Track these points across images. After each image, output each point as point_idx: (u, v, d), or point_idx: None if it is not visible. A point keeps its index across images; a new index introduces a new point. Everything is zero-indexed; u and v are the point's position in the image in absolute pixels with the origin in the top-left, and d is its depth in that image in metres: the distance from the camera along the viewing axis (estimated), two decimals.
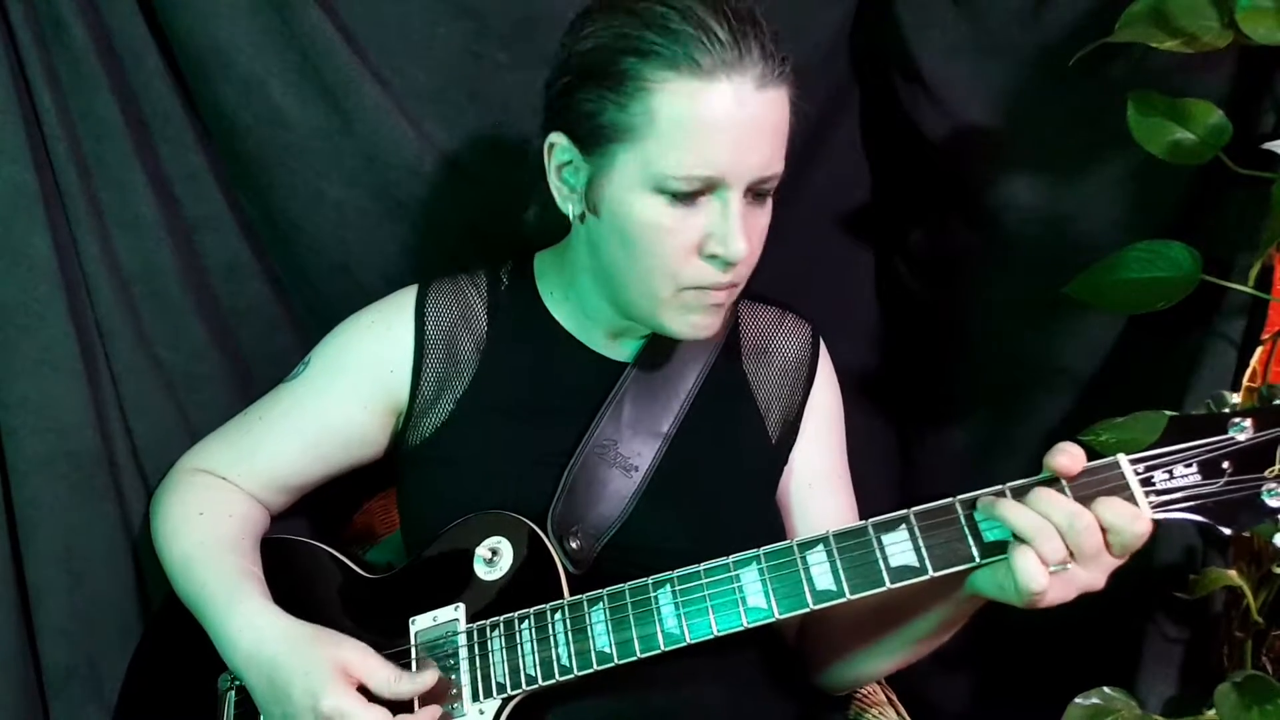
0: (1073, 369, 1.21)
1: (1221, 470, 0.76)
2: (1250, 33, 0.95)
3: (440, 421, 1.00)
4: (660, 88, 0.82)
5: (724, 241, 0.85)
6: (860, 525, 0.82)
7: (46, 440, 1.02)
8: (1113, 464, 0.78)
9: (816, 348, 1.08)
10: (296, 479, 1.05)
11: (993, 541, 0.79)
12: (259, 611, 0.92)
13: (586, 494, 0.94)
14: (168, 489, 1.05)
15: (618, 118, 0.84)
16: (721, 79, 0.81)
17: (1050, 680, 1.10)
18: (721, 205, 0.85)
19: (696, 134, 0.82)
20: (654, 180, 0.84)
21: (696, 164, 0.83)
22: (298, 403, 1.04)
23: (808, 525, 1.04)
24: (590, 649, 0.85)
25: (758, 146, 0.84)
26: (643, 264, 0.88)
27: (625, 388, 0.98)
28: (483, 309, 1.03)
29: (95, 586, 1.06)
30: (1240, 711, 1.00)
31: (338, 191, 1.13)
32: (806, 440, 1.05)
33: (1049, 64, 1.11)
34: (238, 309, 1.17)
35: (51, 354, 1.02)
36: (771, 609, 0.82)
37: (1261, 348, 1.09)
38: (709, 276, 0.88)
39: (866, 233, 1.34)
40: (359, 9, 1.08)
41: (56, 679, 1.04)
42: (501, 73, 1.13)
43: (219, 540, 0.98)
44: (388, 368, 1.01)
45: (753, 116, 0.83)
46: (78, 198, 1.03)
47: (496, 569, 0.91)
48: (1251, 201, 1.04)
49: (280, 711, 0.87)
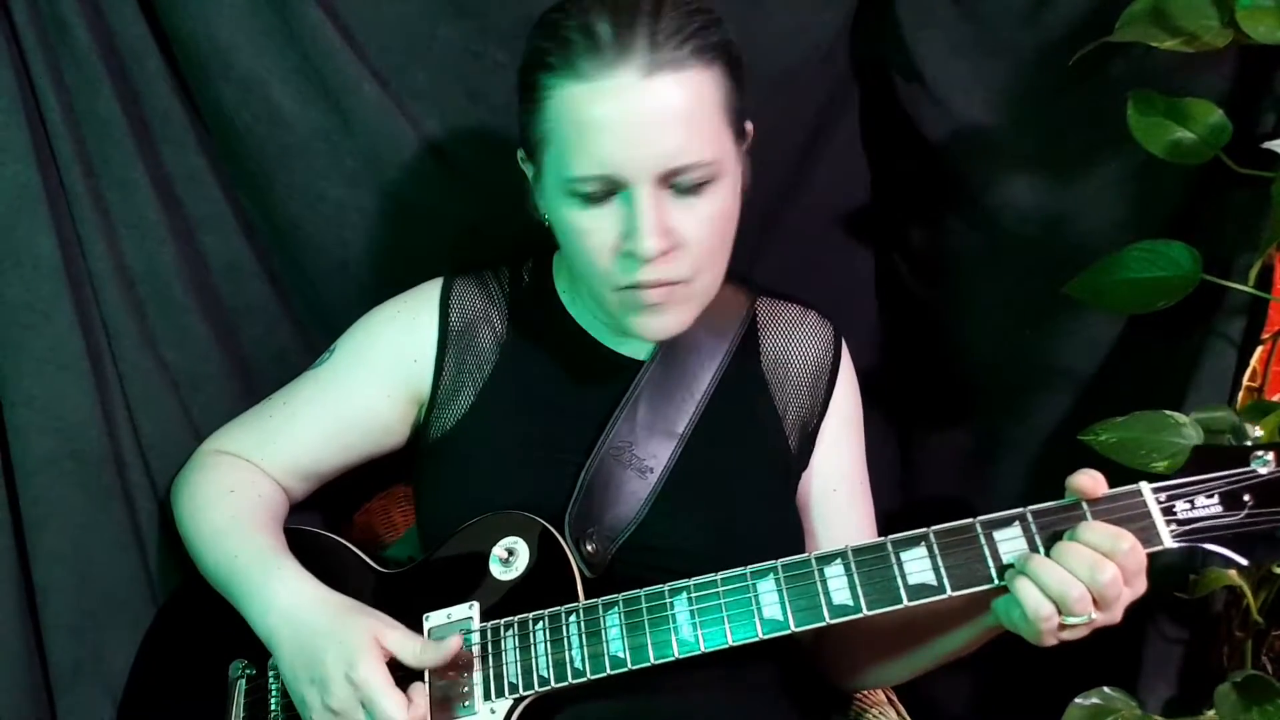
0: (1073, 369, 1.21)
1: (1243, 502, 0.77)
2: (1250, 32, 0.95)
3: (460, 414, 1.00)
4: (554, 94, 0.84)
5: (632, 239, 0.84)
6: (879, 541, 0.82)
7: (52, 439, 1.03)
8: (1134, 492, 0.79)
9: (839, 349, 1.07)
10: (318, 466, 1.06)
11: (1011, 564, 0.79)
12: (297, 578, 0.92)
13: (603, 496, 0.94)
14: (194, 469, 1.05)
15: (534, 130, 0.87)
16: (602, 78, 0.81)
17: (1050, 680, 1.10)
18: (626, 205, 0.85)
19: (583, 136, 0.83)
20: (563, 185, 0.86)
21: (588, 165, 0.83)
22: (321, 390, 1.04)
23: (829, 530, 1.04)
24: (604, 653, 0.85)
25: (653, 138, 0.82)
26: (580, 265, 0.90)
27: (640, 388, 0.98)
28: (504, 304, 1.04)
29: (102, 584, 1.06)
30: (1240, 711, 1.00)
31: (338, 191, 1.13)
32: (828, 443, 1.05)
33: (1049, 64, 1.11)
34: (239, 308, 1.18)
35: (57, 353, 1.02)
36: (788, 621, 0.82)
37: (1261, 348, 1.09)
38: (631, 275, 0.86)
39: (866, 232, 1.34)
40: (359, 9, 1.09)
41: (64, 675, 1.05)
42: (501, 73, 1.13)
43: (250, 515, 0.99)
44: (411, 357, 1.02)
45: (639, 109, 0.81)
46: (82, 197, 1.04)
47: (512, 569, 0.91)
48: (1251, 201, 1.04)
49: (308, 676, 0.87)
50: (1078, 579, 0.75)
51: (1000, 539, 0.80)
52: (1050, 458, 1.24)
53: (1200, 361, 1.10)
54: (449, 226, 1.17)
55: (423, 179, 1.14)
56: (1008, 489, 1.28)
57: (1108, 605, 0.76)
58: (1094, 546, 0.76)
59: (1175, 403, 1.07)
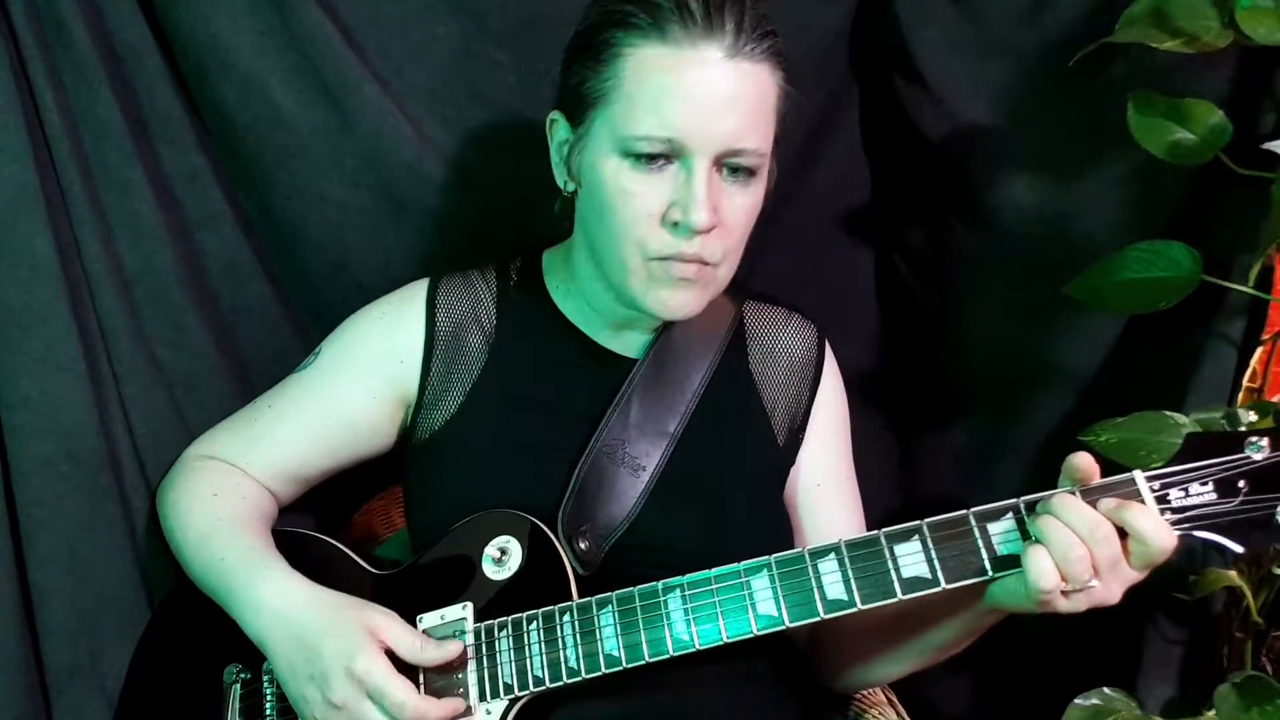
0: (1073, 369, 1.21)
1: (1237, 489, 0.77)
2: (1250, 33, 0.95)
3: (448, 415, 1.00)
4: (631, 53, 0.86)
5: (685, 208, 0.86)
6: (873, 535, 0.82)
7: (49, 440, 1.02)
8: (1128, 480, 0.79)
9: (823, 349, 1.08)
10: (304, 469, 1.05)
11: (1007, 555, 0.79)
12: (286, 577, 0.92)
13: (595, 494, 0.94)
14: (177, 475, 1.05)
15: (594, 85, 0.88)
16: (687, 47, 0.84)
17: (1050, 681, 1.10)
18: (686, 172, 0.86)
19: (658, 96, 0.85)
20: (619, 143, 0.87)
21: (656, 125, 0.85)
22: (307, 392, 1.04)
23: (815, 525, 1.05)
24: (599, 652, 0.85)
25: (722, 116, 0.85)
26: (612, 230, 0.90)
27: (633, 387, 0.98)
28: (492, 303, 1.03)
29: (98, 586, 1.06)
30: (1240, 712, 1.00)
31: (338, 191, 1.13)
32: (814, 441, 1.06)
33: (1049, 64, 1.11)
34: (238, 309, 1.17)
35: (54, 354, 1.02)
36: (782, 616, 0.82)
37: (1261, 348, 1.09)
38: (672, 245, 0.88)
39: (866, 233, 1.34)
40: (359, 9, 1.08)
41: (59, 677, 1.04)
42: (501, 73, 1.13)
43: (235, 518, 0.98)
44: (398, 358, 1.02)
45: (719, 85, 0.85)
46: (80, 198, 1.03)
47: (505, 569, 0.91)
48: (1251, 201, 1.04)
49: (307, 673, 0.87)
50: (1078, 536, 0.76)
51: (994, 531, 0.80)
52: (1050, 458, 1.23)
53: (1200, 362, 1.10)
54: (449, 226, 1.17)
55: (423, 179, 1.14)
56: (1007, 489, 1.26)
57: (1101, 567, 0.76)
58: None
59: (1175, 403, 1.07)
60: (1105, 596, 0.78)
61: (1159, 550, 0.76)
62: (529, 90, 1.15)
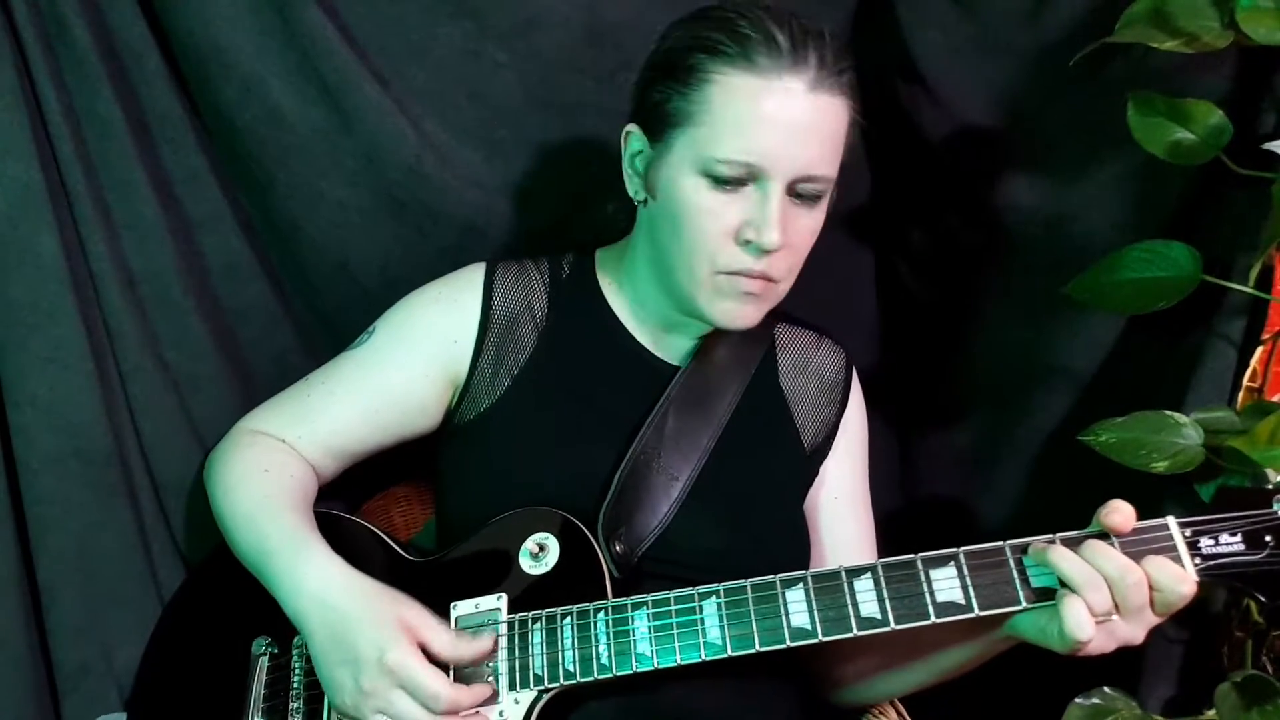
0: (1073, 369, 1.21)
1: (1264, 543, 0.80)
2: (1250, 33, 0.95)
3: (495, 399, 1.02)
4: (720, 79, 0.89)
5: (759, 228, 0.90)
6: (909, 558, 0.85)
7: (57, 438, 1.03)
8: (1162, 525, 0.82)
9: (850, 372, 1.13)
10: (353, 445, 1.06)
11: (1041, 588, 0.82)
12: (327, 562, 0.93)
13: (633, 499, 0.96)
14: (228, 447, 1.05)
15: (680, 105, 0.92)
16: (773, 78, 0.88)
17: (1050, 680, 1.10)
18: (761, 195, 0.90)
19: (744, 123, 0.89)
20: (701, 163, 0.90)
21: (740, 150, 0.89)
22: (360, 369, 1.05)
23: (831, 536, 1.08)
24: (631, 651, 0.86)
25: (802, 144, 0.89)
26: (685, 243, 0.93)
27: (670, 399, 1.01)
28: (544, 293, 1.06)
29: (107, 583, 1.06)
30: (1240, 711, 1.00)
31: (338, 191, 1.13)
32: (837, 456, 1.10)
33: (1049, 64, 1.11)
34: (238, 309, 1.18)
35: (61, 352, 1.02)
36: (816, 630, 0.84)
37: (1261, 348, 1.09)
38: (742, 262, 0.92)
39: (866, 233, 1.34)
40: (359, 9, 1.09)
41: (70, 676, 1.05)
42: (501, 73, 1.13)
43: (284, 496, 0.99)
44: (452, 338, 1.03)
45: (800, 115, 0.89)
46: (83, 197, 1.04)
47: (542, 564, 0.93)
48: (1251, 201, 1.04)
49: (340, 659, 0.88)
50: (1101, 574, 0.79)
51: (1029, 563, 0.82)
52: (1050, 458, 1.24)
53: (1200, 362, 1.10)
54: (449, 226, 1.17)
55: (423, 179, 1.14)
56: (1008, 489, 1.28)
57: (1129, 612, 0.79)
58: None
59: (1175, 403, 1.07)
60: (1130, 636, 0.81)
61: (1178, 598, 0.80)
62: (529, 90, 1.15)
